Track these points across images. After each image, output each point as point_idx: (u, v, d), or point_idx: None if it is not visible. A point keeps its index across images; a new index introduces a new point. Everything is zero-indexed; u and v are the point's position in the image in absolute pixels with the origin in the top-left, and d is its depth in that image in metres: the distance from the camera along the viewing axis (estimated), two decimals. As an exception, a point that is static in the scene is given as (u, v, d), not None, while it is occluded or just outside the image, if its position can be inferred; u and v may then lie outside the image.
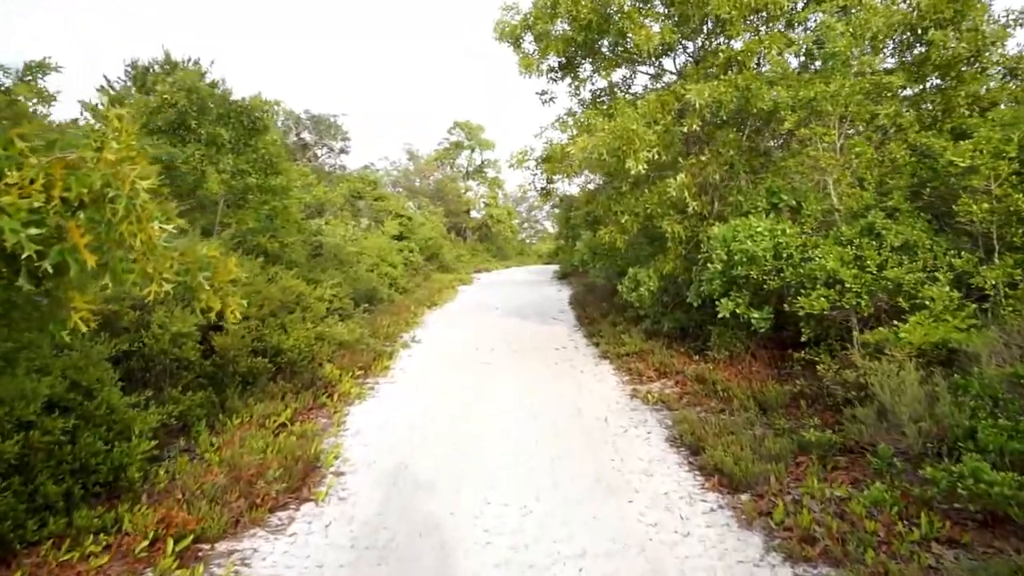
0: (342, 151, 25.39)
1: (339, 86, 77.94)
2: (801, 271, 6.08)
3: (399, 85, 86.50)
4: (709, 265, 6.74)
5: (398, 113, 75.69)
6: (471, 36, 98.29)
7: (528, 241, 51.73)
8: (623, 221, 8.17)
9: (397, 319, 12.22)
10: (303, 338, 8.02)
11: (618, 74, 10.35)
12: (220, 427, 5.87)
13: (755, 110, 6.77)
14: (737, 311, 6.87)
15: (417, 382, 8.17)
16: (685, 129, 7.40)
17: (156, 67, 15.71)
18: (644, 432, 6.04)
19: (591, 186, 24.66)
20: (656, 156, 7.15)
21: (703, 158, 7.39)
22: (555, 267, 34.50)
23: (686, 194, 7.20)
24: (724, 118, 7.25)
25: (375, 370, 8.53)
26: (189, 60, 17.72)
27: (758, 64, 7.57)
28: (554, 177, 8.65)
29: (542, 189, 9.29)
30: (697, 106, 6.62)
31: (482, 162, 39.39)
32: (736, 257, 6.52)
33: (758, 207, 7.11)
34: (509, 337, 11.36)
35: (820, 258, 5.81)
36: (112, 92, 14.50)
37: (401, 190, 32.72)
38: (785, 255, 6.45)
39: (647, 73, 9.89)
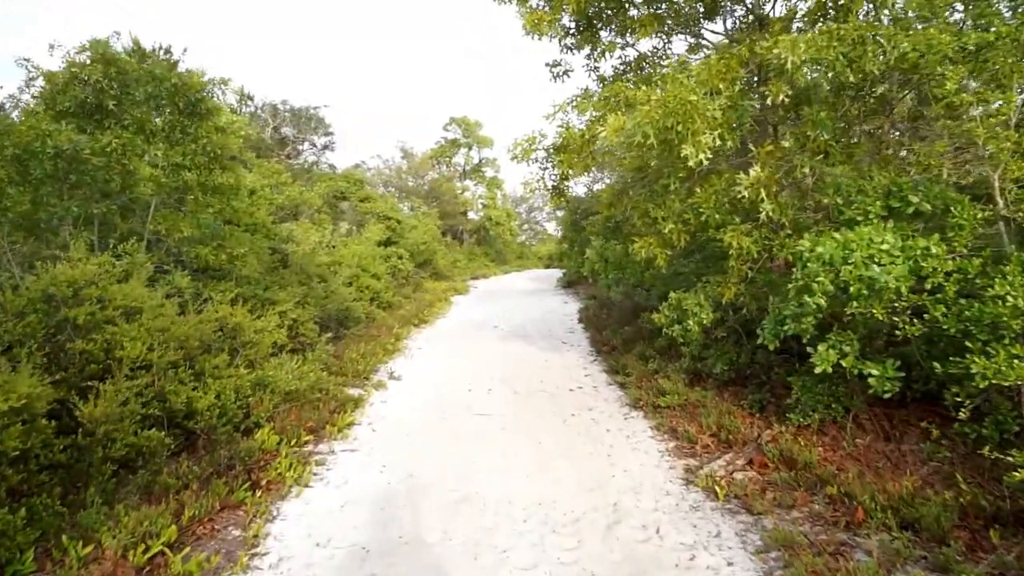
0: (326, 147, 23.26)
1: (339, 85, 75.79)
2: (968, 313, 3.94)
3: (399, 85, 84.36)
4: (805, 297, 4.58)
5: (398, 113, 73.61)
6: (471, 36, 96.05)
7: (528, 243, 49.66)
8: (666, 231, 6.01)
9: (374, 346, 10.05)
10: (229, 392, 5.86)
11: (646, 44, 8.21)
12: (54, 566, 3.70)
13: (876, 69, 4.62)
14: (843, 363, 4.72)
15: (389, 449, 6.00)
16: (759, 104, 5.30)
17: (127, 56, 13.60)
18: (722, 561, 3.88)
19: (596, 185, 22.49)
20: (718, 141, 5.00)
21: (785, 144, 5.25)
22: (558, 273, 32.38)
23: (763, 194, 5.05)
24: (822, 85, 5.17)
25: (333, 430, 6.35)
26: (160, 48, 15.69)
27: (868, 14, 5.42)
28: (570, 172, 6.48)
29: (554, 188, 7.14)
30: (789, 66, 4.51)
31: (480, 160, 37.23)
32: (853, 288, 4.37)
33: (869, 213, 4.95)
34: (511, 371, 9.19)
35: (1013, 296, 3.65)
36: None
37: (393, 190, 30.56)
38: (930, 286, 4.30)
39: (688, 41, 7.76)
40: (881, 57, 4.51)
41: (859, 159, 5.48)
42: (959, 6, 4.93)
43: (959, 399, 4.15)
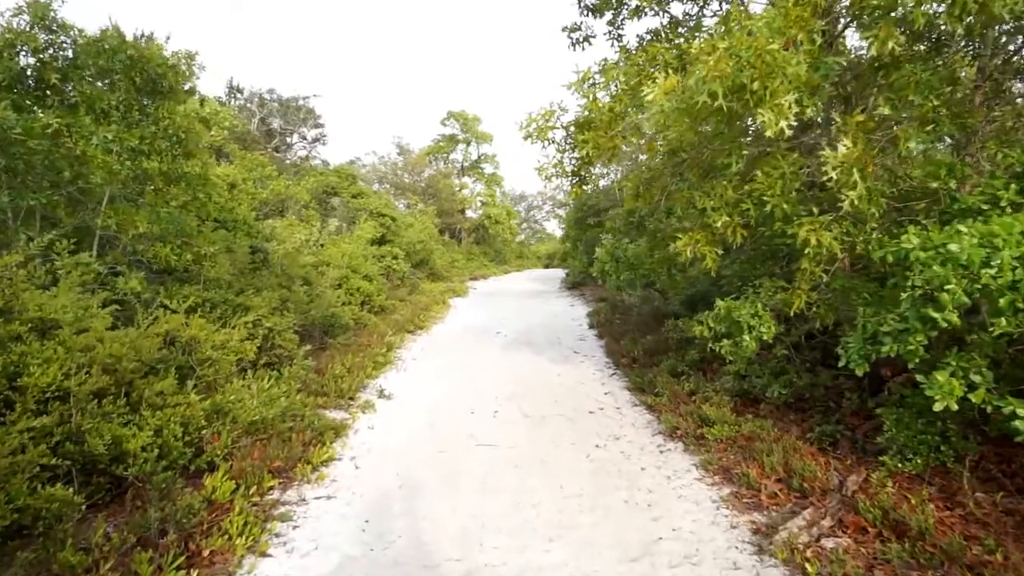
0: (317, 140, 22.01)
1: (333, 80, 74.60)
2: None
3: (396, 81, 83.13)
4: (930, 311, 3.41)
5: (394, 109, 72.39)
6: (472, 29, 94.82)
7: (527, 243, 48.56)
8: (718, 224, 4.84)
9: (363, 358, 8.84)
10: (174, 425, 4.66)
11: (678, 8, 7.03)
12: None
13: (1006, 13, 3.46)
14: (971, 397, 3.55)
15: (373, 496, 4.81)
16: (845, 61, 4.14)
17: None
18: None
19: (603, 181, 21.31)
20: (797, 106, 3.82)
21: (884, 110, 4.09)
22: (560, 272, 31.21)
23: (855, 176, 3.88)
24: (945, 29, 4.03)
25: (306, 469, 5.16)
26: (143, 36, 14.65)
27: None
28: (594, 154, 5.29)
29: (574, 175, 5.96)
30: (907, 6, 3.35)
31: (479, 156, 36.00)
32: (1003, 300, 3.20)
33: (999, 200, 3.79)
34: (519, 388, 8.00)
35: None
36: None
37: (388, 187, 29.35)
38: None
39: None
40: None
41: (972, 130, 4.32)
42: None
43: None
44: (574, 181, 6.10)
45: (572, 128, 5.70)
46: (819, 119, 4.60)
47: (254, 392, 5.85)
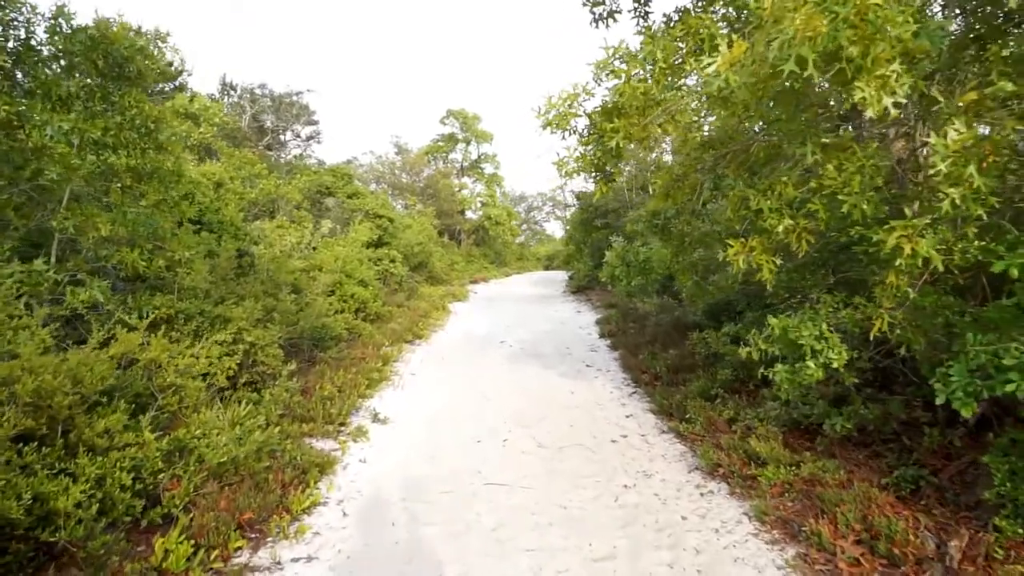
0: (311, 138, 21.11)
1: (329, 78, 73.80)
2: None
3: (395, 80, 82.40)
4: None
5: (393, 109, 71.63)
6: (471, 35, 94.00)
7: (527, 244, 47.83)
8: (779, 228, 4.01)
9: (356, 374, 8.00)
10: (121, 473, 3.82)
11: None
12: None
13: None
14: None
15: (362, 560, 3.97)
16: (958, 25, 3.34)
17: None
18: None
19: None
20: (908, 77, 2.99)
21: (1004, 86, 3.27)
22: (562, 275, 30.39)
23: (970, 169, 3.06)
24: None
25: (283, 521, 4.31)
26: (132, 32, 13.87)
27: None
28: (625, 144, 4.46)
29: (598, 170, 5.11)
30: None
31: (479, 156, 35.15)
32: None
33: None
34: (529, 409, 7.17)
35: None
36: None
37: (386, 187, 28.50)
38: None
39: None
40: None
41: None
42: None
43: None
44: (597, 177, 5.26)
45: (596, 116, 4.86)
46: (905, 100, 3.77)
47: (226, 423, 5.00)
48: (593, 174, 5.22)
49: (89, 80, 6.80)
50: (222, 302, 7.65)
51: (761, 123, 4.85)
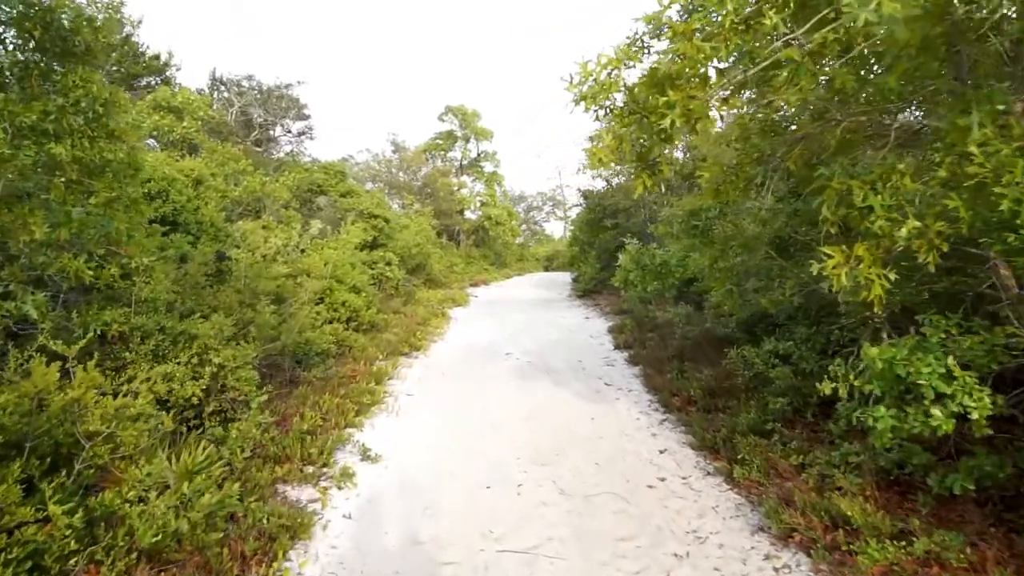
0: (303, 134, 20.01)
1: (333, 82, 72.85)
2: None
3: (392, 77, 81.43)
4: None
5: (389, 107, 70.75)
6: (469, 33, 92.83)
7: (527, 245, 46.85)
8: (901, 233, 2.99)
9: (344, 397, 6.96)
10: (8, 565, 2.77)
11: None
12: None
13: None
14: None
15: None
16: None
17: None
18: None
19: (616, 180, 19.38)
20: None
21: None
22: (564, 277, 29.35)
23: None
24: None
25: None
26: None
27: None
28: (679, 124, 3.44)
29: (640, 159, 4.07)
30: None
31: (479, 154, 34.07)
32: None
33: None
34: (545, 442, 6.13)
35: None
36: None
37: (382, 185, 27.41)
38: None
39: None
40: None
41: None
42: None
43: None
44: (638, 168, 4.23)
45: (642, 88, 3.82)
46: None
47: (174, 477, 3.96)
48: (634, 165, 4.19)
49: (24, 55, 5.75)
50: (190, 315, 6.61)
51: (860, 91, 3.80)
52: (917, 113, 4.55)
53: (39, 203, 5.81)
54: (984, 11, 1.95)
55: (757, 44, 3.46)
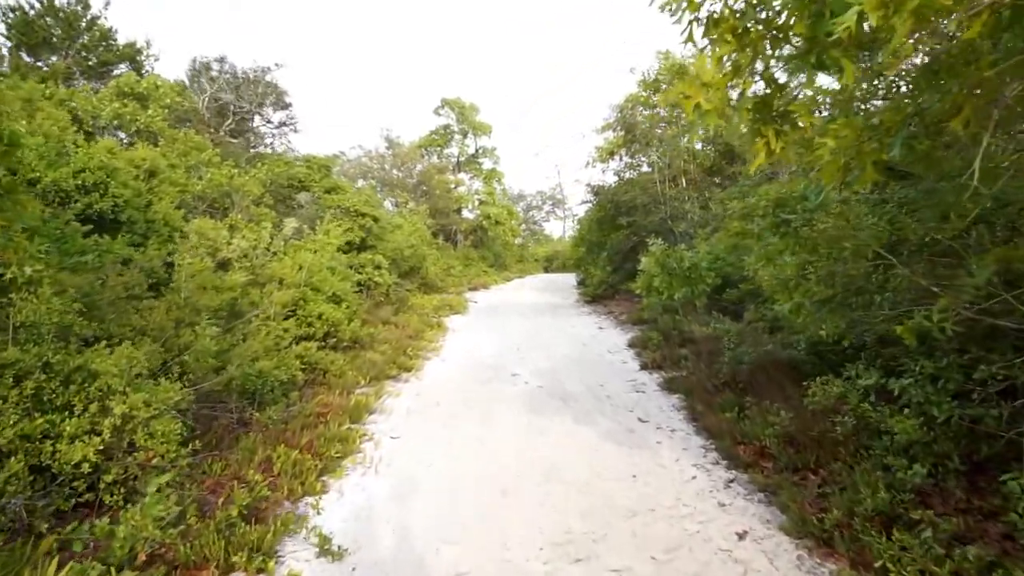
0: (284, 124, 18.21)
1: (326, 78, 71.15)
2: None
3: (387, 71, 79.78)
4: None
5: (384, 102, 69.06)
6: (467, 31, 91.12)
7: (526, 245, 45.24)
8: None
9: (305, 453, 5.27)
10: None
11: None
12: None
13: None
14: None
15: None
16: None
17: None
18: None
19: (626, 173, 17.57)
20: None
21: None
22: (567, 279, 27.71)
23: None
24: None
25: None
26: None
27: None
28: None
29: (766, 101, 2.43)
30: None
31: (477, 150, 32.33)
32: None
33: None
34: (574, 519, 4.44)
35: None
36: None
37: (374, 182, 25.68)
38: None
39: None
40: None
41: None
42: None
43: None
44: (758, 121, 2.56)
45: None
46: None
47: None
48: (749, 117, 2.50)
49: None
50: (93, 343, 4.92)
51: None
52: None
53: None
54: None
55: None
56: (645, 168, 17.55)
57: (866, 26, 1.94)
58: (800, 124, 2.44)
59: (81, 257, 6.48)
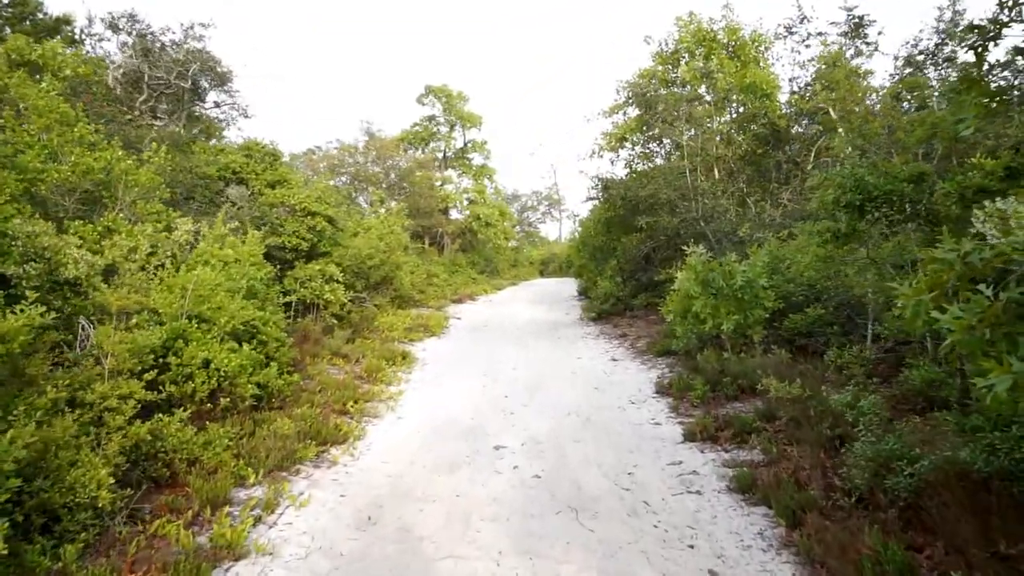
0: (222, 105, 14.96)
1: (311, 71, 68.12)
2: None
3: (379, 73, 76.85)
4: None
5: (378, 105, 66.18)
6: (463, 25, 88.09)
7: (520, 249, 42.30)
8: None
9: None
10: None
11: None
12: None
13: None
14: None
15: None
16: None
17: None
18: None
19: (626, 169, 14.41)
20: None
21: None
22: (565, 286, 24.81)
23: None
24: None
25: None
26: None
27: None
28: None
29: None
30: None
31: (466, 144, 29.28)
32: None
33: None
34: None
35: None
36: None
37: (347, 178, 22.67)
38: None
39: None
40: None
41: None
42: None
43: None
44: None
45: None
46: None
47: None
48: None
49: None
50: None
51: None
52: None
53: None
54: None
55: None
56: (659, 160, 14.59)
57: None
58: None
59: None
